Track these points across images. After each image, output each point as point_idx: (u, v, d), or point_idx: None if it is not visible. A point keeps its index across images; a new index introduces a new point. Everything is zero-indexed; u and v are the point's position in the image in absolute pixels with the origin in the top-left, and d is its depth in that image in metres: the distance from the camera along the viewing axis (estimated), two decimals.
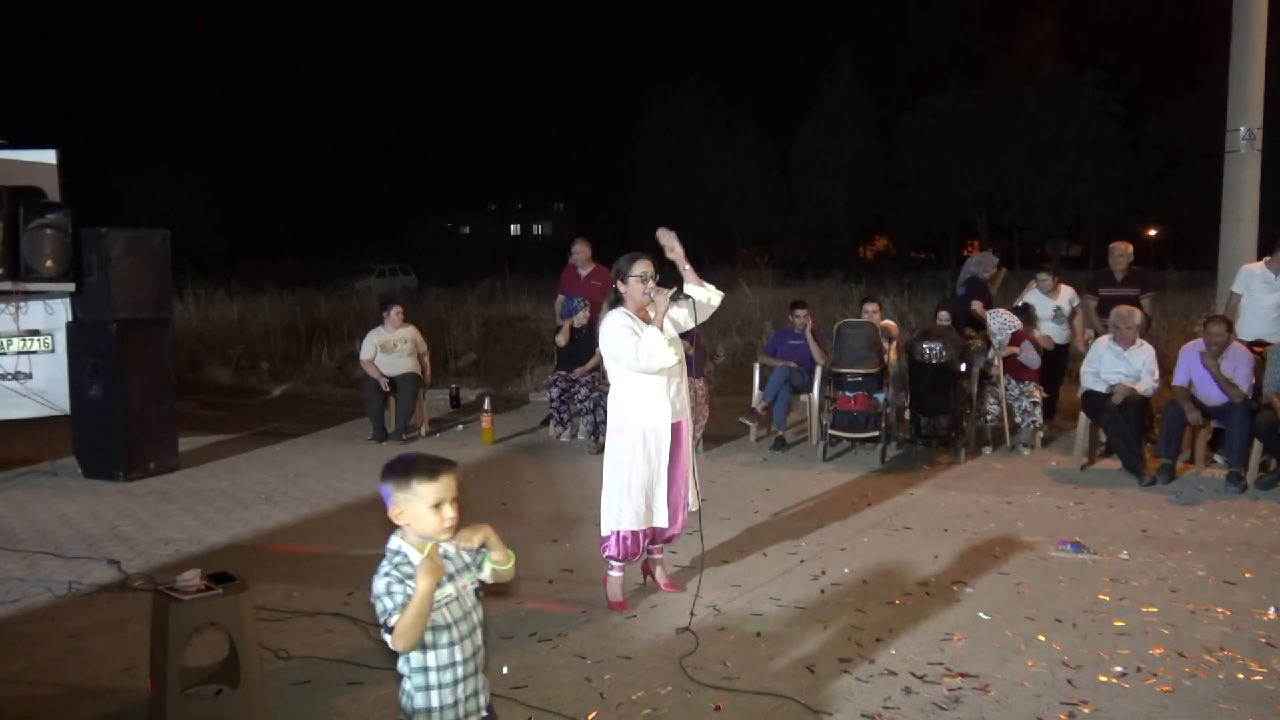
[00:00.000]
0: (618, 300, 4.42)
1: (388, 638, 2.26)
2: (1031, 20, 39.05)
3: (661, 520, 4.41)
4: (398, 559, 2.31)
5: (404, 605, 2.24)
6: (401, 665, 2.36)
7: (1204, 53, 29.33)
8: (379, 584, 2.29)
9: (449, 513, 2.31)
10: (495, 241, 54.41)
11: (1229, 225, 9.26)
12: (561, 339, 8.36)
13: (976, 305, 8.36)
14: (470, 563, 2.42)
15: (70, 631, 4.21)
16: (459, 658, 2.34)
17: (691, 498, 4.57)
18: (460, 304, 15.92)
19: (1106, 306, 7.79)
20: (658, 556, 4.69)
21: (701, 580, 4.47)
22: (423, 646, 2.31)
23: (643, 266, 4.35)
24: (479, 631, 2.40)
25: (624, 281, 4.38)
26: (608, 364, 4.47)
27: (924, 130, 40.62)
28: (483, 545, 2.40)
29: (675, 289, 4.30)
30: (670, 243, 4.41)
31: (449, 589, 2.34)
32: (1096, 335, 7.75)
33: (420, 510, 2.30)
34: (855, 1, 65.98)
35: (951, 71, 40.94)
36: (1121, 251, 8.35)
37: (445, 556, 2.36)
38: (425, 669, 2.33)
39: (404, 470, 2.32)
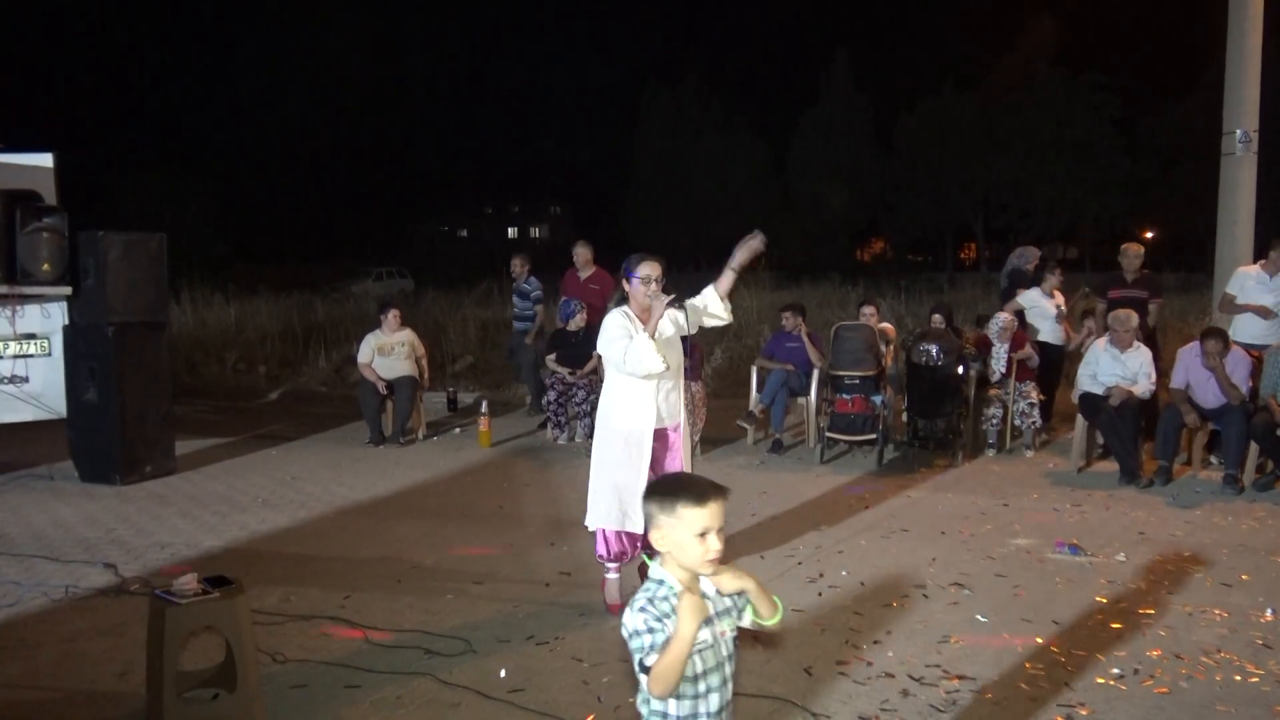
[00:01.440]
0: (623, 299, 4.42)
1: (643, 679, 2.02)
2: (1029, 23, 39.23)
3: (636, 526, 4.28)
4: (660, 590, 2.06)
5: (664, 645, 1.98)
6: (640, 704, 2.12)
7: (1201, 56, 29.47)
8: (635, 618, 2.02)
9: (714, 543, 2.06)
10: (492, 244, 54.42)
11: (1225, 228, 9.29)
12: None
13: (1020, 292, 8.67)
14: (732, 606, 2.15)
15: (66, 635, 4.20)
16: (704, 710, 2.07)
17: None
18: (457, 307, 15.93)
19: (1116, 309, 7.76)
20: None
21: None
22: None
23: (648, 268, 4.33)
24: (730, 684, 2.13)
25: (628, 281, 4.38)
26: (604, 362, 4.48)
27: (921, 133, 40.77)
28: (742, 592, 2.14)
29: (674, 296, 4.29)
30: (751, 245, 4.31)
31: (705, 634, 2.05)
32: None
33: (683, 538, 2.05)
34: (853, 4, 66.22)
35: (948, 74, 41.16)
36: (1135, 253, 8.26)
37: (704, 596, 2.07)
38: (665, 715, 2.07)
39: (670, 491, 2.10)
